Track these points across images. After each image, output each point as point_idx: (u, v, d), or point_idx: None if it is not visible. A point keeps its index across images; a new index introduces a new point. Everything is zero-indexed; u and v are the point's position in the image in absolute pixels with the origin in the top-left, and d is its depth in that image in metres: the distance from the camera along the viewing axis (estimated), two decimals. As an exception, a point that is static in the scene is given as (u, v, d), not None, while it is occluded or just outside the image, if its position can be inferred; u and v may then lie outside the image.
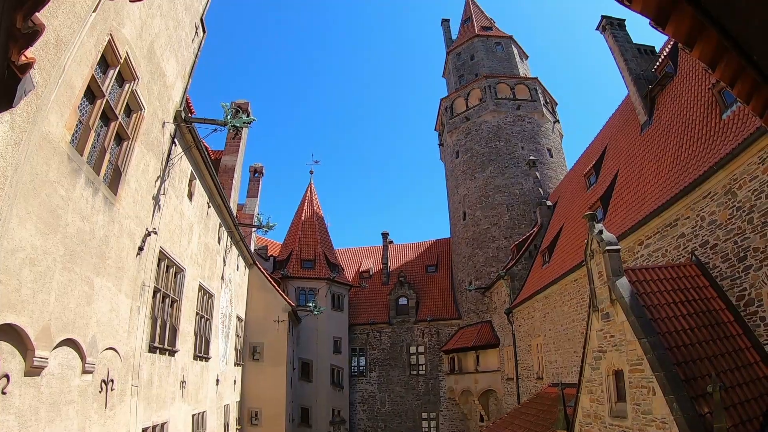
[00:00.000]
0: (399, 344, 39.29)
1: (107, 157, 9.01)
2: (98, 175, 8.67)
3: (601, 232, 11.60)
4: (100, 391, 9.21)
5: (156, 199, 11.97)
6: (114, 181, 9.53)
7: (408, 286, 40.12)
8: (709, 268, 12.10)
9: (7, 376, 6.15)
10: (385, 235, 44.58)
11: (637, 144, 20.21)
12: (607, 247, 11.32)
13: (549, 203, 32.54)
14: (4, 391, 6.09)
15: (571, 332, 21.08)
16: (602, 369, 11.91)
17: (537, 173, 35.39)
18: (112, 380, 9.72)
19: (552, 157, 38.57)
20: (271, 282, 28.45)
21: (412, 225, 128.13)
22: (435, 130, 47.48)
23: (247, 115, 13.77)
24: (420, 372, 38.75)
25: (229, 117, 13.23)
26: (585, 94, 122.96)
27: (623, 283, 10.98)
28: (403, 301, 40.02)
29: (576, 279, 20.13)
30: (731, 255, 11.51)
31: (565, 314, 22.03)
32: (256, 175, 32.81)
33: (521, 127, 38.36)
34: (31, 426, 6.72)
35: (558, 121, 41.55)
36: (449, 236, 42.82)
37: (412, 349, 39.22)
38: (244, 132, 25.17)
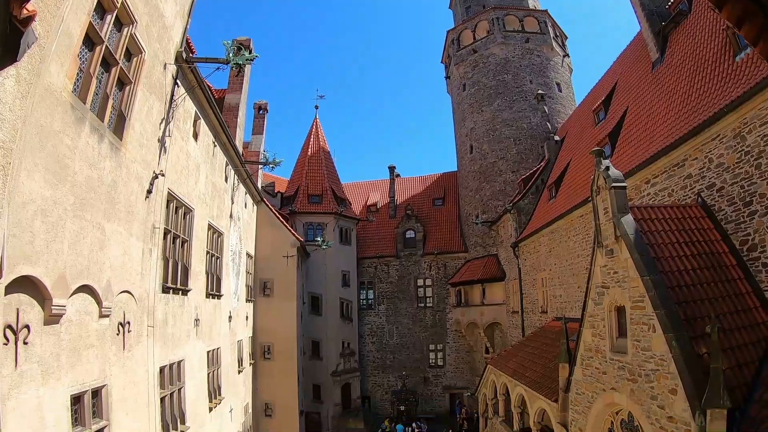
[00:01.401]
0: (406, 277, 39.94)
1: (110, 103, 8.96)
2: (102, 122, 8.65)
3: (607, 168, 11.53)
4: (117, 334, 9.53)
5: (161, 141, 11.95)
6: (119, 126, 9.51)
7: (415, 219, 40.36)
8: (715, 211, 12.08)
9: (27, 327, 6.38)
10: (391, 169, 44.43)
11: (648, 81, 19.76)
12: (614, 184, 11.28)
13: (557, 138, 32.16)
14: (26, 341, 6.33)
15: (576, 267, 21.36)
16: (605, 305, 12.10)
17: (545, 108, 34.77)
18: (128, 322, 10.04)
19: (561, 91, 37.82)
20: (279, 218, 28.66)
21: (419, 158, 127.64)
22: (442, 62, 46.38)
23: (249, 52, 13.47)
24: (427, 304, 39.57)
25: (231, 55, 12.98)
26: (596, 29, 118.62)
27: (628, 220, 11.01)
28: (410, 234, 40.35)
29: (582, 215, 20.20)
30: (737, 199, 11.48)
31: (570, 249, 22.26)
32: (261, 112, 32.48)
33: (530, 61, 37.40)
34: (53, 372, 7.02)
35: (568, 55, 40.40)
36: (456, 169, 42.66)
37: (420, 282, 39.87)
38: (247, 69, 24.69)
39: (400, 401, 34.34)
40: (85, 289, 8.16)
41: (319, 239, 33.07)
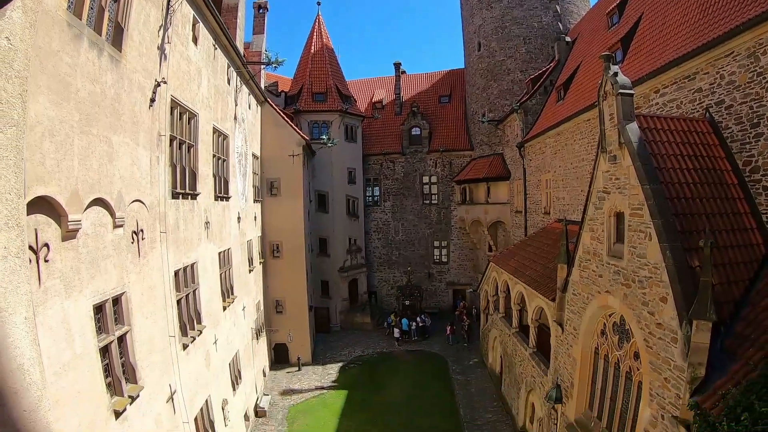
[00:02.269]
0: (412, 174, 40.08)
1: (106, 15, 8.78)
2: (100, 36, 8.55)
3: (616, 74, 11.30)
4: (132, 242, 9.93)
5: (161, 48, 11.78)
6: (117, 38, 9.37)
7: (421, 116, 39.85)
8: (721, 128, 11.93)
9: (47, 245, 6.69)
10: (397, 66, 43.30)
11: (666, -12, 18.77)
12: (621, 90, 11.10)
13: (568, 39, 30.91)
14: (47, 258, 6.67)
15: (580, 171, 21.44)
16: (605, 209, 12.32)
17: (557, 6, 33.21)
18: (141, 230, 10.43)
19: (574, -10, 35.89)
20: (283, 117, 28.40)
21: (425, 54, 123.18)
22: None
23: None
24: (432, 201, 39.98)
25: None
26: None
27: (633, 128, 10.95)
28: (416, 131, 40.02)
29: (589, 119, 20.00)
30: (745, 119, 11.30)
31: (575, 153, 22.23)
32: (261, 11, 31.14)
33: (543, -45, 35.21)
34: (75, 286, 7.44)
35: (583, -49, 37.97)
36: (463, 67, 41.47)
37: (425, 179, 40.05)
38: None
39: (405, 296, 35.58)
40: (98, 202, 8.45)
41: (324, 137, 33.07)
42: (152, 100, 11.13)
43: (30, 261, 6.20)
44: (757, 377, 7.54)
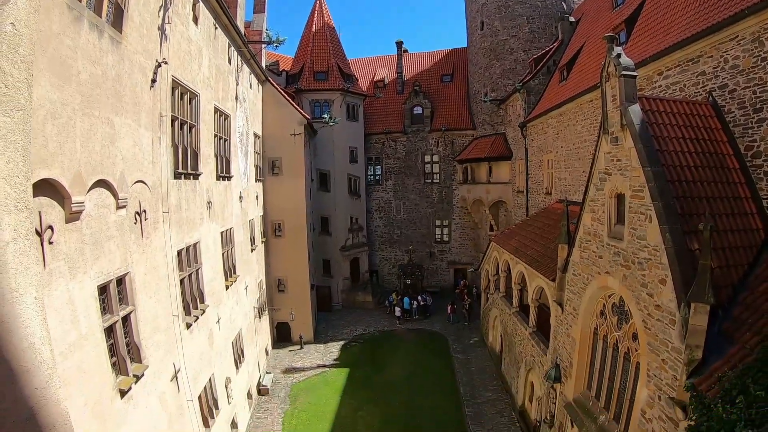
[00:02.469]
0: (414, 153, 39.95)
1: (107, -4, 8.77)
2: (100, 17, 8.54)
3: (619, 55, 11.22)
4: (135, 223, 10.01)
5: (161, 29, 11.73)
6: (117, 19, 9.34)
7: (423, 95, 39.58)
8: (724, 112, 11.83)
9: (51, 227, 6.76)
10: (399, 44, 42.95)
11: (672, -31, 18.52)
12: (624, 72, 11.03)
13: (572, 19, 30.53)
14: (51, 241, 6.74)
15: (582, 152, 21.39)
16: (606, 191, 12.33)
17: (562, -15, 32.84)
18: (144, 211, 10.49)
19: (579, -31, 35.37)
20: (285, 96, 28.27)
21: (427, 33, 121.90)
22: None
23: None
24: (434, 181, 39.94)
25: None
26: None
27: (635, 110, 10.90)
28: (417, 110, 39.80)
29: (592, 99, 19.89)
30: (748, 104, 11.22)
31: (577, 133, 22.16)
32: (262, -12, 30.89)
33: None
34: (80, 267, 7.53)
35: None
36: (466, 46, 41.10)
37: (427, 158, 39.94)
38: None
39: (406, 275, 35.76)
40: (101, 183, 8.51)
41: (326, 116, 32.97)
42: (153, 81, 11.12)
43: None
44: (753, 361, 7.61)
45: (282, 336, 29.37)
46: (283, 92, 28.84)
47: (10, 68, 1.81)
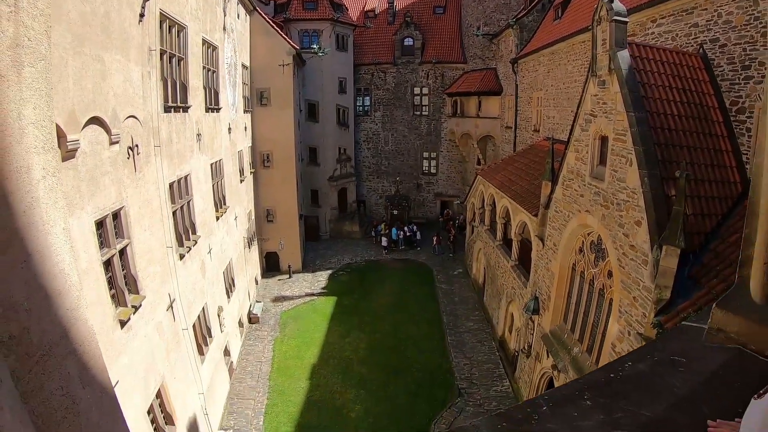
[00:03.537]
0: (403, 85, 39.49)
1: (90, -72, 8.56)
2: (85, -48, 8.39)
3: (612, 0, 11.28)
4: (128, 158, 10.17)
5: (148, -40, 11.47)
6: (103, -47, 9.16)
7: (414, 26, 38.68)
8: (713, 66, 11.90)
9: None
10: (391, -28, 41.69)
11: None
12: (615, 17, 11.05)
13: (571, -45, 29.78)
14: (51, 179, 6.93)
15: (572, 92, 21.42)
16: (591, 132, 12.59)
17: None
18: (136, 145, 10.63)
19: None
20: (273, 26, 27.60)
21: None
22: None
23: None
24: (423, 113, 39.69)
25: None
26: None
27: (624, 55, 10.99)
28: (408, 41, 39.01)
29: (584, 41, 19.71)
30: (737, 60, 11.32)
31: (568, 73, 22.11)
32: None
33: None
34: (77, 203, 7.77)
35: None
36: (459, -25, 39.93)
37: (416, 90, 39.51)
38: None
39: (393, 206, 36.25)
40: (94, 120, 8.62)
41: (315, 46, 32.36)
42: (141, 15, 10.98)
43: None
44: (717, 305, 8.11)
45: (271, 265, 30.03)
46: (271, 22, 28.17)
47: (31, 22, 2.01)
